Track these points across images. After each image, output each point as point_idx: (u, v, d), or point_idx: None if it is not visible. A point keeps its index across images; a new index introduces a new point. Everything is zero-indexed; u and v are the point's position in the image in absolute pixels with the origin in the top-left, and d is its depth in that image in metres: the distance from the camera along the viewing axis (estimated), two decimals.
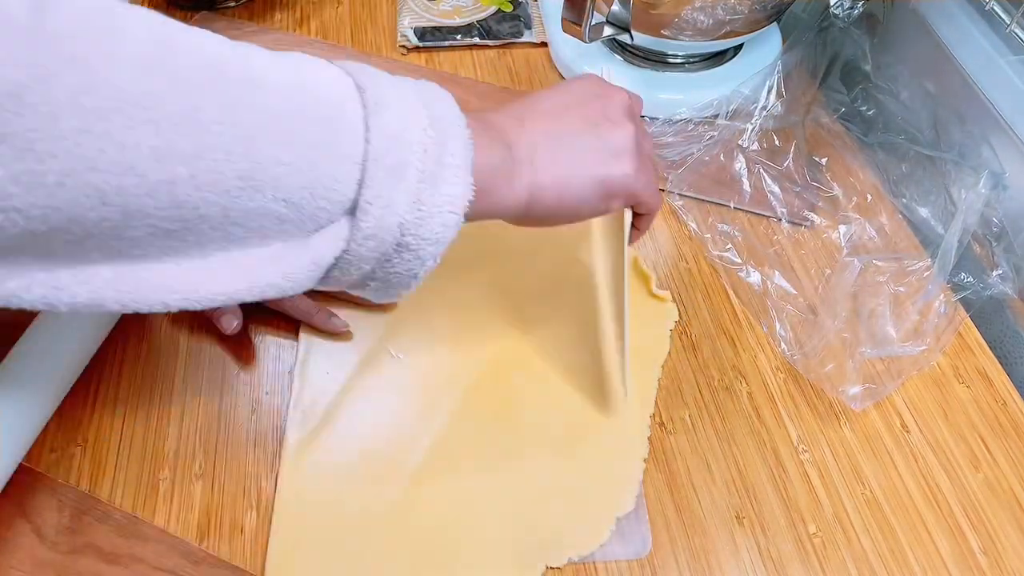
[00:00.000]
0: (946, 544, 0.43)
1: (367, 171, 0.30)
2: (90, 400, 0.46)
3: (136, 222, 0.27)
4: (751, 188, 0.59)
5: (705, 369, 0.49)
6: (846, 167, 0.61)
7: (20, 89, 0.23)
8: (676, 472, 0.45)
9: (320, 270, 0.32)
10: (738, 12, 0.58)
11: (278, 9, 0.74)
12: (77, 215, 0.25)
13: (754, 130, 0.61)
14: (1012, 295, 0.53)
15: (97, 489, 0.43)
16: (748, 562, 0.42)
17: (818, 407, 0.48)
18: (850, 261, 0.54)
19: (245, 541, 0.42)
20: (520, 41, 0.71)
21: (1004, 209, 0.54)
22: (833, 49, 0.64)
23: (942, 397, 0.49)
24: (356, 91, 0.31)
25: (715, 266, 0.55)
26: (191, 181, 0.27)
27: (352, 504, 0.43)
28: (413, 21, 0.71)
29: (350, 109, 0.31)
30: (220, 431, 0.45)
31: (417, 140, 0.31)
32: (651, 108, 0.64)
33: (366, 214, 0.31)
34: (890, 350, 0.50)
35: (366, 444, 0.45)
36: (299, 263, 0.31)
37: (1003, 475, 0.46)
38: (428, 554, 0.41)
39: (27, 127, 0.23)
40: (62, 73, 0.24)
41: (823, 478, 0.45)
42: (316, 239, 0.31)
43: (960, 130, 0.58)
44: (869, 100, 0.64)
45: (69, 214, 0.25)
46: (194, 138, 0.26)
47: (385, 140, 0.31)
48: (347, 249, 0.31)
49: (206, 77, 0.27)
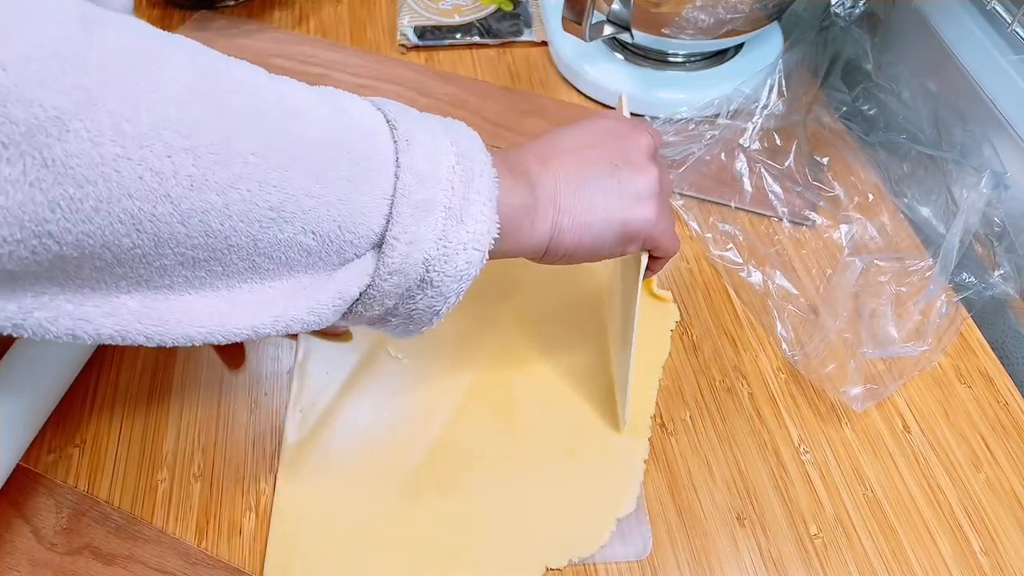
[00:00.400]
0: (947, 544, 0.43)
1: (396, 206, 0.31)
2: (88, 401, 0.46)
3: (167, 250, 0.27)
4: (752, 188, 0.59)
5: (706, 370, 0.49)
6: (847, 166, 0.61)
7: (64, 115, 0.23)
8: (677, 473, 0.45)
9: (344, 304, 0.32)
10: (739, 11, 0.58)
11: (277, 8, 0.73)
12: (110, 241, 0.25)
13: (755, 129, 0.61)
14: (1014, 295, 0.52)
15: (95, 490, 0.43)
16: (749, 563, 0.42)
17: (819, 407, 0.48)
18: (851, 261, 0.53)
19: (244, 542, 0.41)
20: (520, 40, 0.71)
21: (1006, 209, 0.54)
22: (834, 48, 0.64)
23: (943, 397, 0.49)
24: (387, 126, 0.32)
25: (716, 266, 0.55)
26: (224, 211, 0.27)
27: (351, 505, 0.42)
28: (413, 20, 0.71)
29: (382, 144, 0.31)
30: (219, 432, 0.45)
31: (445, 177, 0.32)
32: (652, 107, 0.64)
33: (392, 249, 0.31)
34: (891, 350, 0.50)
35: (365, 445, 0.45)
36: (324, 297, 0.31)
37: (1004, 475, 0.45)
38: (428, 555, 0.41)
39: (68, 152, 0.23)
40: (106, 100, 0.24)
41: (824, 479, 0.45)
42: (342, 273, 0.31)
43: (961, 129, 0.58)
44: (870, 99, 0.64)
45: (103, 240, 0.25)
46: (230, 167, 0.26)
47: (414, 176, 0.31)
48: (372, 284, 0.31)
49: (244, 107, 0.27)
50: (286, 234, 0.29)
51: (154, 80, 0.25)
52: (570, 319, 0.51)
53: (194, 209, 0.26)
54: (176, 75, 0.26)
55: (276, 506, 0.42)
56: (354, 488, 0.43)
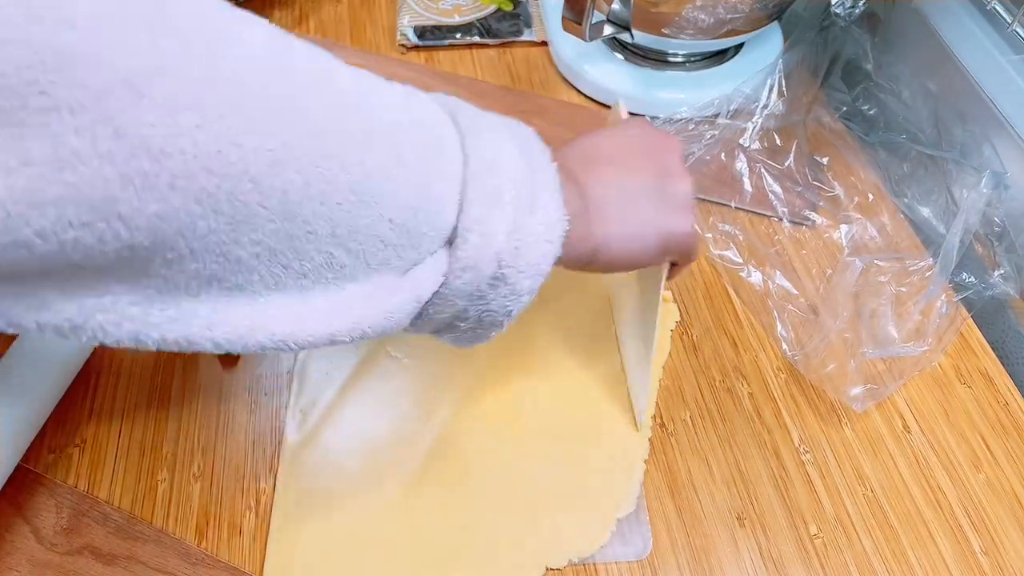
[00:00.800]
0: (947, 544, 0.43)
1: (466, 195, 0.30)
2: (88, 401, 0.46)
3: (244, 236, 0.25)
4: (752, 187, 0.59)
5: (706, 370, 0.49)
6: (847, 166, 0.61)
7: (138, 79, 0.21)
8: (677, 473, 0.45)
9: (418, 306, 0.31)
10: (739, 11, 0.57)
11: (276, 7, 0.73)
12: (185, 225, 0.23)
13: (755, 129, 0.61)
14: (1014, 295, 0.52)
15: (95, 490, 0.43)
16: (749, 563, 0.42)
17: (819, 408, 0.48)
18: (851, 261, 0.53)
19: (244, 542, 0.41)
20: (520, 40, 0.71)
21: (1006, 209, 0.54)
22: (834, 48, 0.64)
23: (944, 398, 0.49)
24: (448, 116, 0.31)
25: (716, 266, 0.55)
26: (305, 190, 0.25)
27: (351, 505, 0.42)
28: (412, 20, 0.71)
29: (448, 132, 0.30)
30: (219, 432, 0.45)
31: (511, 167, 0.31)
32: (652, 107, 0.64)
33: (465, 241, 0.30)
34: (892, 350, 0.50)
35: (365, 445, 0.45)
36: (399, 300, 0.30)
37: (1004, 475, 0.45)
38: (428, 555, 0.41)
39: (143, 121, 0.21)
40: (183, 66, 0.22)
41: (824, 479, 0.45)
42: (416, 272, 0.30)
43: (962, 129, 0.58)
44: (870, 99, 0.64)
45: (177, 224, 0.23)
46: (310, 144, 0.25)
47: (482, 164, 0.30)
48: (445, 282, 0.30)
49: (322, 84, 0.26)
50: (364, 220, 0.27)
51: (231, 49, 0.24)
52: (572, 320, 0.51)
53: (274, 187, 0.24)
54: (252, 48, 0.24)
55: (276, 506, 0.42)
56: (354, 488, 0.43)
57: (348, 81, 0.28)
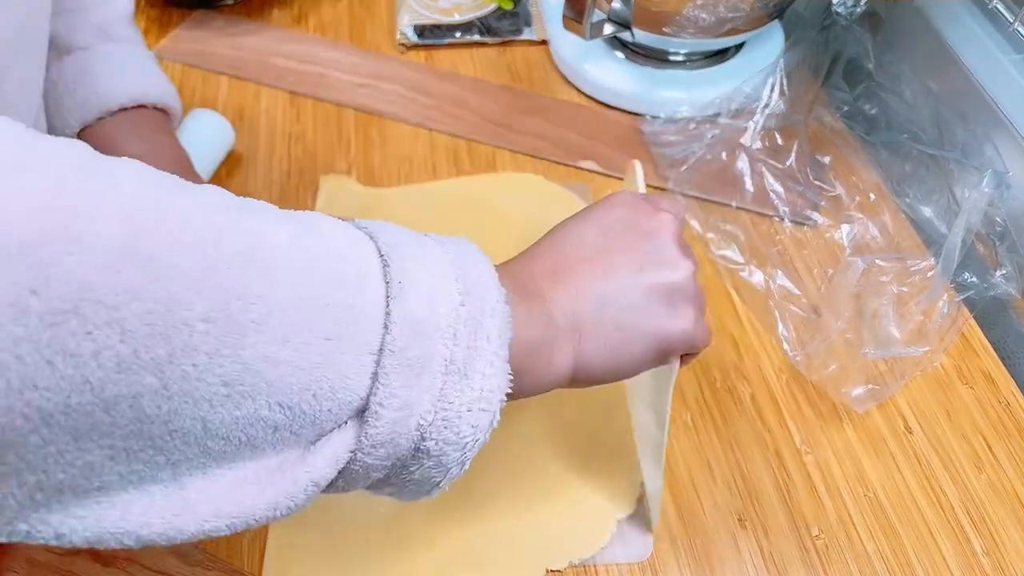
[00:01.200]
0: (949, 545, 0.43)
1: (382, 365, 0.25)
2: None
3: (90, 444, 0.21)
4: (753, 187, 0.58)
5: (707, 370, 0.49)
6: (849, 166, 0.61)
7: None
8: (678, 474, 0.45)
9: (319, 489, 0.26)
10: (740, 10, 0.57)
11: (276, 7, 0.73)
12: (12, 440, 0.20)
13: (756, 129, 0.61)
14: (1016, 295, 0.52)
15: None
16: (750, 564, 0.42)
17: (821, 408, 0.48)
18: (853, 261, 0.53)
19: (244, 542, 0.41)
20: (520, 39, 0.70)
21: (1007, 208, 0.54)
22: (835, 47, 0.63)
23: (945, 398, 0.49)
24: (379, 262, 0.26)
25: (717, 266, 0.55)
26: (162, 392, 0.21)
27: (350, 505, 0.42)
28: (412, 19, 0.70)
29: (370, 288, 0.26)
30: None
31: (447, 324, 0.26)
32: (652, 106, 0.64)
33: (377, 418, 0.25)
34: (893, 351, 0.50)
35: None
36: (293, 487, 0.25)
37: (1006, 476, 0.45)
38: (428, 555, 0.41)
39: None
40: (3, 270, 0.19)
41: (826, 480, 0.45)
42: (315, 451, 0.26)
43: (963, 129, 0.57)
44: (872, 99, 0.63)
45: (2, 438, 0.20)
46: (170, 341, 0.21)
47: (408, 328, 0.25)
48: (353, 459, 0.26)
49: (192, 262, 0.22)
50: (244, 410, 0.23)
51: (72, 238, 0.20)
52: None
53: (122, 395, 0.21)
54: (105, 227, 0.20)
55: None
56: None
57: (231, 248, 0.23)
